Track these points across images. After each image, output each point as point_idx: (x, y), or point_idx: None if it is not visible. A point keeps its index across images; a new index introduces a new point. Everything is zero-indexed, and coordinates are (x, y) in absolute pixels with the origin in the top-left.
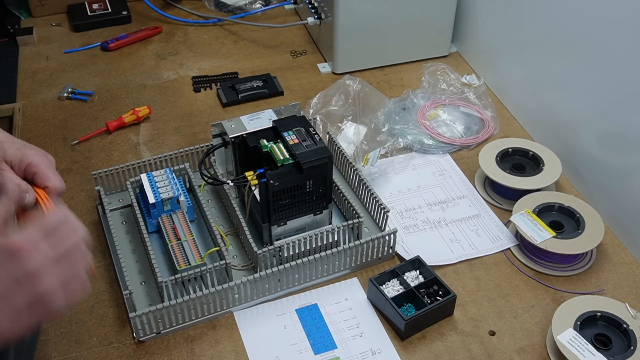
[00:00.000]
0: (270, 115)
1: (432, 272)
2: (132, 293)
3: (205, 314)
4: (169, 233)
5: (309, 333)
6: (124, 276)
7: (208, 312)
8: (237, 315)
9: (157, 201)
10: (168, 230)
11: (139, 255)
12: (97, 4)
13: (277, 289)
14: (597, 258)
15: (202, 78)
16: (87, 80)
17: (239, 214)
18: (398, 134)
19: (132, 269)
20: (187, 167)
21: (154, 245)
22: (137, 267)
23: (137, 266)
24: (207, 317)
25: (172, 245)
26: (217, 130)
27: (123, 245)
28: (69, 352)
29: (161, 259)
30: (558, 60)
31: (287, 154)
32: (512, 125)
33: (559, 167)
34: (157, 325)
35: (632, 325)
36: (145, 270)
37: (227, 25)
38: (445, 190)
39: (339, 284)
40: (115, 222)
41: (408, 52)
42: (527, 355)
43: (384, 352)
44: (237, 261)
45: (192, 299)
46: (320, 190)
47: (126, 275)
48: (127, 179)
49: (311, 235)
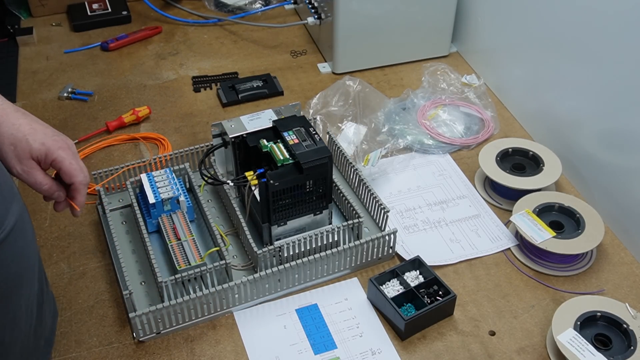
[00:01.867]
0: (270, 115)
1: (432, 272)
2: (132, 293)
3: (205, 314)
4: (169, 233)
5: (309, 333)
6: (124, 276)
7: (208, 312)
8: (237, 316)
9: (157, 201)
10: (168, 230)
11: (139, 255)
12: (97, 4)
13: (277, 289)
14: (597, 258)
15: (202, 78)
16: (87, 80)
17: (239, 214)
18: (398, 134)
19: (132, 269)
20: (187, 167)
21: (154, 245)
22: (137, 267)
23: (137, 266)
24: (207, 317)
25: (172, 245)
26: (217, 130)
27: (123, 245)
28: (69, 352)
29: (161, 259)
30: (558, 60)
31: (287, 154)
32: (512, 125)
33: (559, 167)
34: (157, 325)
35: (632, 325)
36: (145, 270)
37: (227, 25)
38: (445, 190)
39: (339, 284)
40: (115, 222)
41: (408, 52)
42: (527, 355)
43: (384, 352)
44: (237, 261)
45: (192, 299)
46: (320, 191)
47: (126, 276)
48: (127, 179)
49: (311, 236)
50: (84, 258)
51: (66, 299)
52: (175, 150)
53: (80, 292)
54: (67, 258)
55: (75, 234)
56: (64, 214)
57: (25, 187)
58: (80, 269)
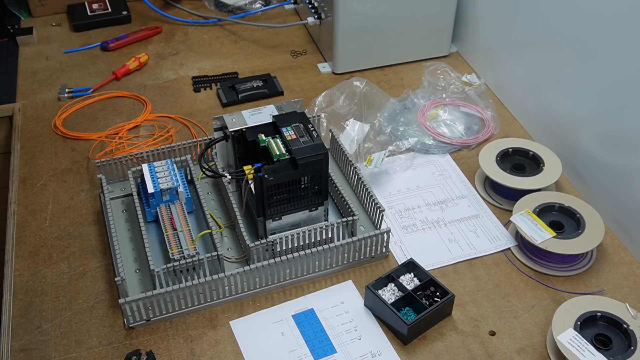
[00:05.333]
0: (272, 111)
1: (427, 273)
2: (125, 280)
3: (196, 303)
4: (165, 223)
5: (307, 339)
6: (117, 263)
7: (199, 302)
8: (234, 325)
9: (156, 191)
10: (165, 220)
11: (136, 243)
12: (97, 4)
13: (268, 282)
14: (597, 258)
15: (202, 78)
16: (87, 80)
17: (236, 207)
18: (401, 135)
19: (128, 257)
20: (189, 159)
21: (151, 235)
22: (133, 255)
23: (133, 254)
24: (198, 306)
25: (167, 235)
26: (218, 124)
27: (121, 233)
28: (69, 352)
29: (157, 248)
30: (558, 60)
31: (284, 149)
32: (512, 125)
33: (559, 167)
34: (147, 313)
35: (632, 326)
36: (141, 258)
37: (227, 25)
38: (445, 190)
39: (334, 287)
40: (115, 210)
41: (408, 52)
42: (527, 355)
43: (384, 353)
44: (232, 254)
45: (182, 288)
46: (315, 187)
47: (119, 263)
48: (129, 169)
49: (304, 231)
50: (84, 258)
51: (66, 299)
52: (178, 142)
53: (80, 292)
54: (67, 258)
55: (75, 234)
56: (64, 215)
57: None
58: (80, 269)
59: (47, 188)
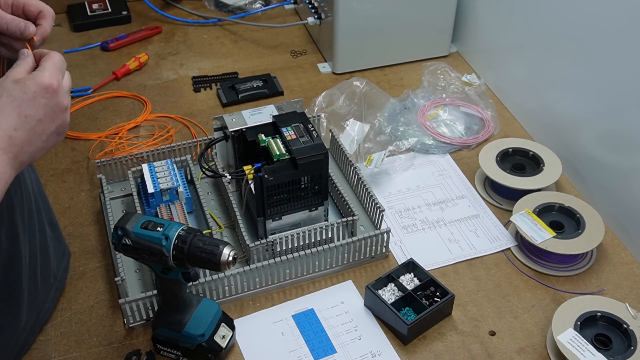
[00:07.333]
0: (272, 111)
1: (427, 273)
2: (124, 280)
3: None
4: None
5: (307, 339)
6: (117, 263)
7: None
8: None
9: (156, 191)
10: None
11: None
12: (97, 4)
13: (268, 282)
14: (597, 258)
15: (202, 78)
16: (87, 80)
17: (236, 208)
18: (401, 135)
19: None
20: (189, 159)
21: None
22: None
23: None
24: None
25: None
26: (218, 124)
27: None
28: (69, 352)
29: None
30: (558, 60)
31: (284, 149)
32: (512, 125)
33: (559, 167)
34: (147, 312)
35: (632, 326)
36: None
37: (227, 25)
38: (445, 190)
39: (334, 287)
40: (115, 210)
41: (408, 52)
42: (527, 355)
43: (384, 353)
44: None
45: None
46: (316, 187)
47: (119, 263)
48: (129, 169)
49: (304, 231)
50: (84, 258)
51: (66, 299)
52: (178, 142)
53: (80, 292)
54: None
55: (75, 234)
56: (64, 215)
57: None
58: (80, 269)
59: (47, 188)
